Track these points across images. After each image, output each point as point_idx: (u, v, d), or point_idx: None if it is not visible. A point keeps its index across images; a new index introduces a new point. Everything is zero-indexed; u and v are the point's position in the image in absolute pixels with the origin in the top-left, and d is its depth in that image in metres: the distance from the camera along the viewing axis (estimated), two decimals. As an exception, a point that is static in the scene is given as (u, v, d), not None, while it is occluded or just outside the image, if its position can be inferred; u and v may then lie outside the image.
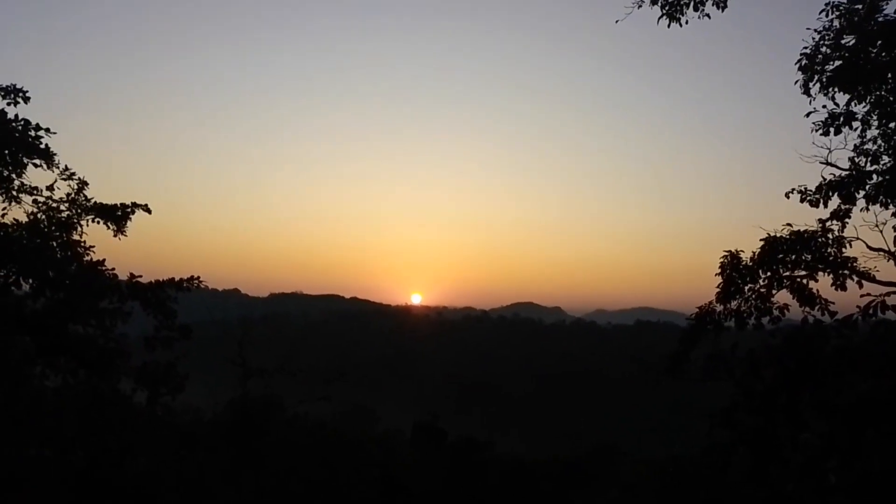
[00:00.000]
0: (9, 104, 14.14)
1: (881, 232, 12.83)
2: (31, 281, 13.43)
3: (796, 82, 12.74)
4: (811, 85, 12.56)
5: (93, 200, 14.85)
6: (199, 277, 14.75)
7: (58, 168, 14.55)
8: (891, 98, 12.05)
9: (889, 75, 11.50)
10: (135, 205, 14.99)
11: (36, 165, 14.41)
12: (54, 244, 14.04)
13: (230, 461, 21.12)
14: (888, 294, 7.51)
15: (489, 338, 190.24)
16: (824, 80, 12.17)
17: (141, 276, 14.72)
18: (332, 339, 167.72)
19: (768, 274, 12.75)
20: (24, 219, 14.23)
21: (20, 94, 14.23)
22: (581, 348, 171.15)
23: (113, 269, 14.28)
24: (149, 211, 15.10)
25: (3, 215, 14.26)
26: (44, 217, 14.50)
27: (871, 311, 7.52)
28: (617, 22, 11.29)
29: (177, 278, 14.67)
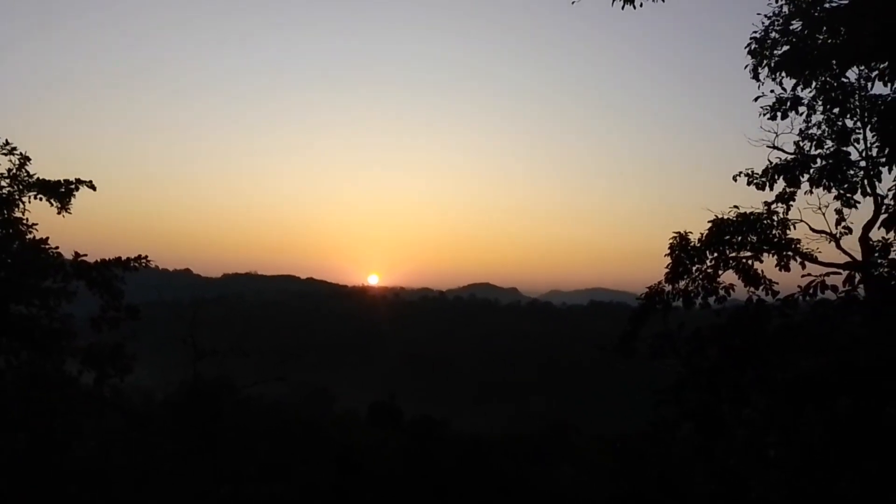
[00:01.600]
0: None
1: (824, 215, 13.22)
2: (-31, 260, 12.92)
3: (746, 67, 12.97)
4: (760, 70, 12.80)
5: (35, 176, 14.30)
6: (146, 256, 14.36)
7: (-3, 142, 13.96)
8: (834, 84, 12.37)
9: (833, 62, 11.79)
10: (79, 181, 14.48)
11: (-27, 140, 13.79)
12: (-6, 221, 13.50)
13: (183, 443, 20.83)
14: (828, 274, 7.75)
15: (446, 318, 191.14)
16: (772, 64, 12.42)
17: (86, 255, 14.26)
18: (287, 319, 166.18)
19: (715, 255, 13.03)
20: (-39, 195, 13.65)
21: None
22: (537, 328, 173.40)
23: (57, 247, 13.81)
24: (93, 188, 14.62)
25: (-62, 192, 13.66)
26: (-18, 193, 13.92)
27: (811, 292, 7.76)
28: (573, 3, 11.26)
29: (123, 257, 14.25)
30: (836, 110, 12.79)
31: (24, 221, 13.94)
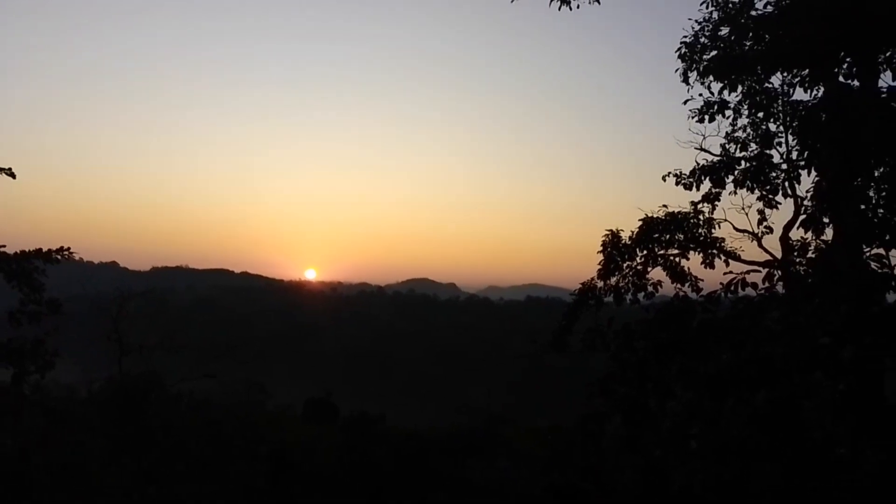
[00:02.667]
0: None
1: (747, 215, 13.83)
2: None
3: (676, 70, 13.41)
4: (690, 73, 13.24)
5: (-53, 162, 13.52)
6: (69, 248, 13.79)
7: None
8: (758, 88, 12.92)
9: (758, 67, 12.31)
10: (-4, 168, 13.76)
11: None
12: None
13: (108, 442, 20.10)
14: (748, 272, 8.08)
15: (385, 313, 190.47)
16: (701, 69, 12.87)
17: (5, 246, 13.62)
18: (220, 315, 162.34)
19: (645, 252, 13.46)
20: None
21: None
22: (475, 323, 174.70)
23: (-29, 238, 13.11)
24: (13, 175, 13.91)
25: None
26: None
27: (733, 288, 8.08)
28: (512, 1, 11.38)
29: (45, 248, 13.63)
30: (760, 115, 13.38)
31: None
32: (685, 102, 13.48)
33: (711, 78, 12.83)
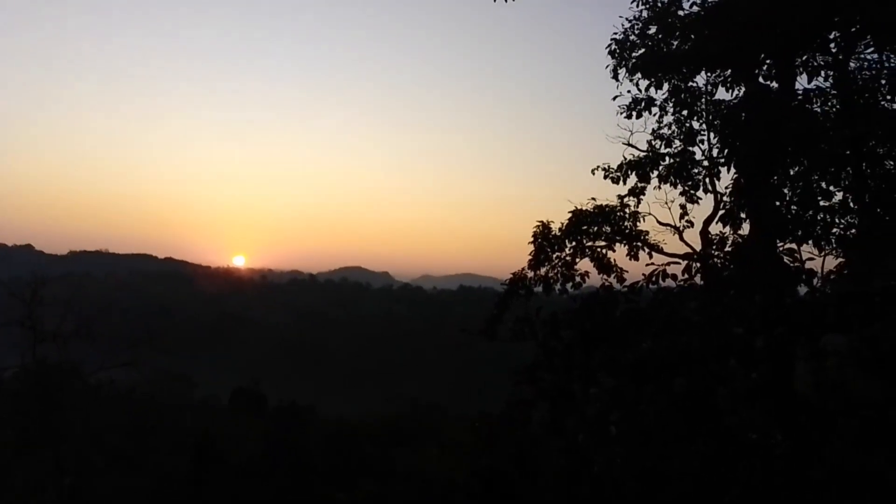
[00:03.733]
0: None
1: (669, 209, 14.25)
2: None
3: (607, 67, 13.67)
4: (619, 70, 13.53)
5: None
6: (-23, 230, 13.00)
7: None
8: (684, 87, 13.34)
9: (683, 67, 12.70)
10: None
11: None
12: None
13: (20, 433, 19.17)
14: (669, 264, 8.37)
15: (316, 301, 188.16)
16: (630, 66, 13.17)
17: None
18: (143, 302, 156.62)
19: (573, 244, 13.71)
20: None
21: None
22: (407, 312, 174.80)
23: None
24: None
25: None
26: None
27: (653, 279, 8.35)
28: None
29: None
30: (684, 112, 13.80)
31: None
32: (614, 98, 13.77)
33: (639, 75, 13.13)
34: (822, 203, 10.91)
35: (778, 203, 11.06)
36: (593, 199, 13.98)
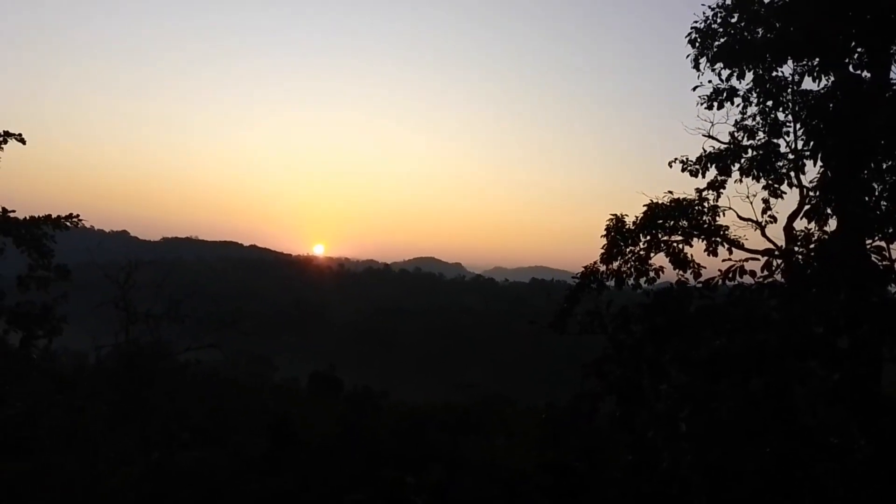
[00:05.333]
0: None
1: (751, 203, 13.81)
2: None
3: (688, 56, 13.32)
4: (700, 60, 13.16)
5: (-40, 127, 13.64)
6: (78, 215, 13.96)
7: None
8: (768, 76, 12.85)
9: (767, 55, 12.23)
10: (7, 134, 13.88)
11: None
12: (-88, 172, 12.85)
13: (113, 408, 20.42)
14: (747, 260, 8.14)
15: (390, 291, 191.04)
16: (711, 55, 12.79)
17: (14, 212, 13.78)
18: (228, 286, 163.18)
19: (648, 238, 13.48)
20: None
21: None
22: (479, 303, 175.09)
23: (-19, 202, 13.27)
24: (23, 141, 14.04)
25: None
26: None
27: (730, 276, 8.15)
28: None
29: (54, 215, 13.79)
30: (769, 103, 13.30)
31: (-54, 174, 13.33)
32: (695, 89, 13.42)
33: (721, 65, 12.73)
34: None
35: (867, 198, 10.55)
36: (670, 192, 13.71)
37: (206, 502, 18.20)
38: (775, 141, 13.49)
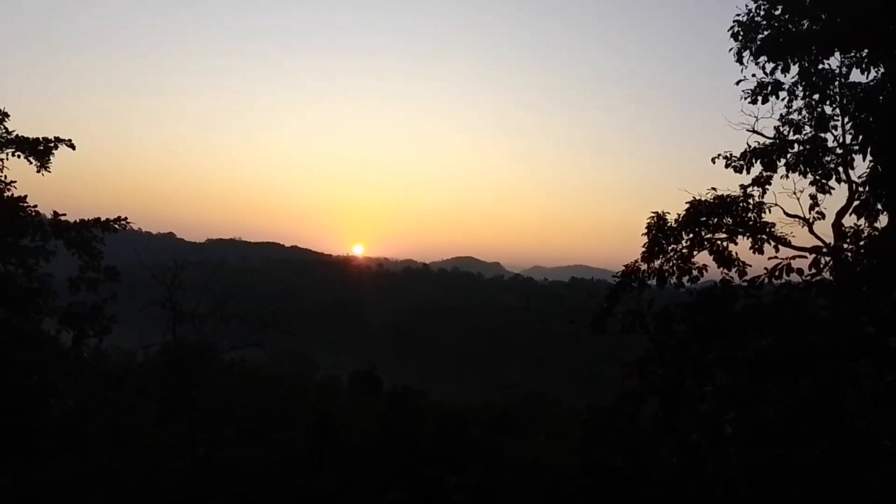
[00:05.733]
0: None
1: (798, 199, 13.46)
2: (-56, 215, 12.82)
3: (730, 50, 13.05)
4: (744, 53, 12.88)
5: (14, 133, 14.15)
6: (126, 218, 14.35)
7: (-26, 98, 13.78)
8: (813, 69, 12.50)
9: (813, 48, 11.91)
10: (58, 139, 14.35)
11: (-50, 94, 13.60)
12: (-30, 177, 13.38)
13: (161, 405, 20.95)
14: (794, 258, 7.93)
15: (429, 290, 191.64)
16: (755, 49, 12.50)
17: (65, 215, 14.23)
18: (270, 286, 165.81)
19: (691, 236, 13.24)
20: (-63, 150, 13.50)
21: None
22: (518, 302, 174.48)
23: (35, 206, 13.75)
24: (73, 147, 14.49)
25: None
26: (-41, 149, 13.76)
27: (777, 274, 7.96)
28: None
29: (102, 218, 14.21)
30: (815, 96, 12.95)
31: (2, 178, 13.83)
32: (738, 83, 13.14)
33: (765, 58, 12.43)
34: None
35: (921, 193, 10.19)
36: (713, 188, 13.45)
37: (251, 498, 18.54)
38: (822, 135, 13.12)
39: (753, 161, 13.41)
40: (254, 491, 18.89)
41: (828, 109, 12.93)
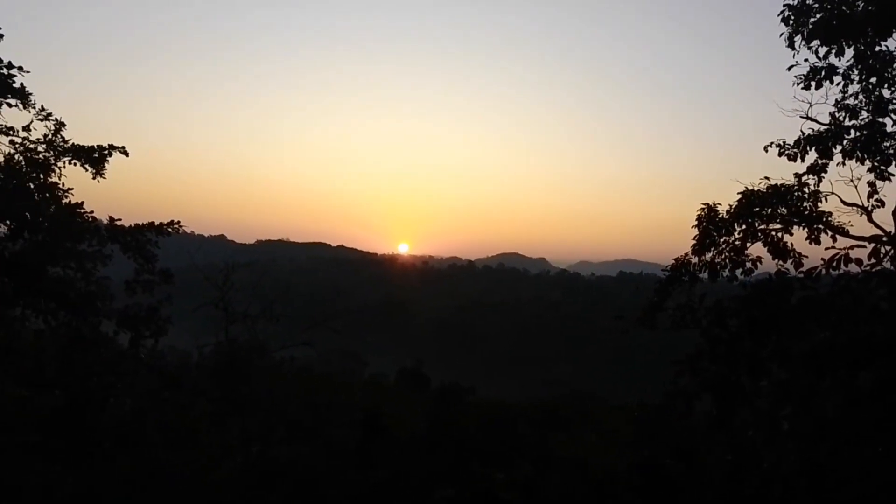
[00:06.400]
0: (-20, 42, 13.80)
1: (856, 187, 12.98)
2: (8, 223, 13.32)
3: (781, 35, 12.65)
4: (795, 37, 12.47)
5: (70, 142, 14.63)
6: (179, 222, 14.72)
7: (34, 108, 14.27)
8: (869, 52, 12.02)
9: (869, 29, 11.45)
10: (112, 147, 14.77)
11: (10, 105, 14.13)
12: (31, 186, 13.87)
13: (215, 404, 21.44)
14: (852, 248, 7.64)
15: (475, 287, 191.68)
16: (807, 32, 12.09)
17: (121, 220, 14.66)
18: (318, 286, 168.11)
19: (743, 227, 12.88)
20: (-1, 160, 14.05)
21: (-8, 32, 13.86)
22: (565, 298, 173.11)
23: (91, 211, 14.18)
24: (126, 153, 14.91)
25: (-22, 156, 14.07)
26: (20, 158, 14.27)
27: (834, 265, 7.69)
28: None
29: (157, 222, 14.61)
30: (872, 80, 12.45)
31: (60, 186, 14.30)
32: (790, 68, 12.72)
33: (818, 42, 12.00)
34: None
35: None
36: (766, 178, 13.04)
37: (304, 494, 18.84)
38: (880, 120, 12.61)
39: (808, 148, 12.97)
40: (305, 488, 19.19)
41: (886, 93, 12.41)
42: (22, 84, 13.99)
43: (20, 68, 13.82)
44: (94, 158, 14.57)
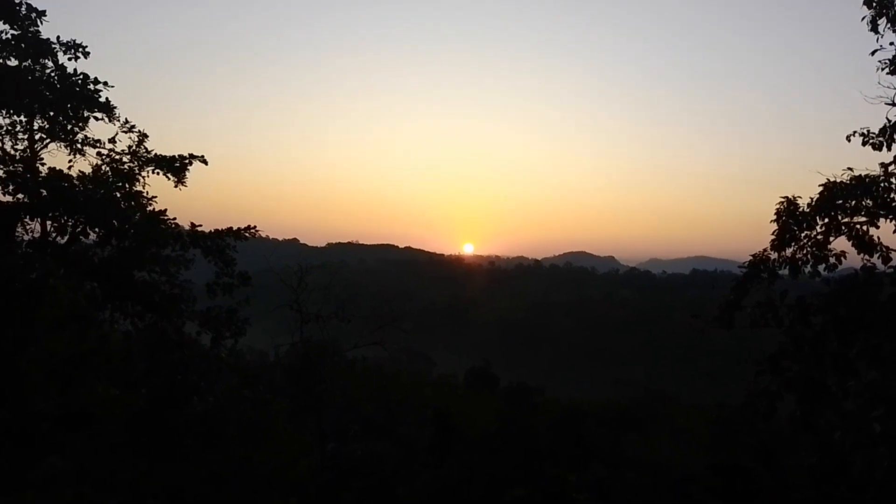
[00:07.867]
0: (70, 59, 14.65)
1: (948, 176, 12.22)
2: (97, 230, 14.04)
3: (863, 18, 12.05)
4: (878, 21, 11.86)
5: (153, 152, 15.35)
6: (255, 227, 15.21)
7: (118, 121, 15.07)
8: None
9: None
10: (192, 156, 15.42)
11: (97, 119, 14.94)
12: (118, 195, 14.60)
13: (292, 402, 22.05)
14: (948, 241, 7.22)
15: (542, 286, 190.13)
16: (892, 15, 11.48)
17: (201, 226, 15.24)
18: (387, 287, 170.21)
19: (826, 220, 12.29)
20: (88, 171, 14.84)
21: (80, 49, 14.71)
22: (635, 297, 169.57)
23: (174, 218, 14.79)
24: (205, 162, 15.53)
25: (69, 167, 14.92)
26: (107, 169, 15.07)
27: (928, 259, 7.29)
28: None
29: (235, 227, 15.13)
30: (965, 62, 11.72)
31: (144, 194, 15.00)
32: (873, 53, 12.10)
33: (906, 24, 11.40)
34: None
35: None
36: (849, 168, 12.41)
37: (378, 491, 19.16)
38: (975, 104, 11.84)
39: (894, 137, 12.30)
40: (379, 484, 19.51)
41: (980, 76, 11.66)
42: (107, 98, 14.79)
43: (105, 83, 14.61)
44: (176, 168, 15.23)
